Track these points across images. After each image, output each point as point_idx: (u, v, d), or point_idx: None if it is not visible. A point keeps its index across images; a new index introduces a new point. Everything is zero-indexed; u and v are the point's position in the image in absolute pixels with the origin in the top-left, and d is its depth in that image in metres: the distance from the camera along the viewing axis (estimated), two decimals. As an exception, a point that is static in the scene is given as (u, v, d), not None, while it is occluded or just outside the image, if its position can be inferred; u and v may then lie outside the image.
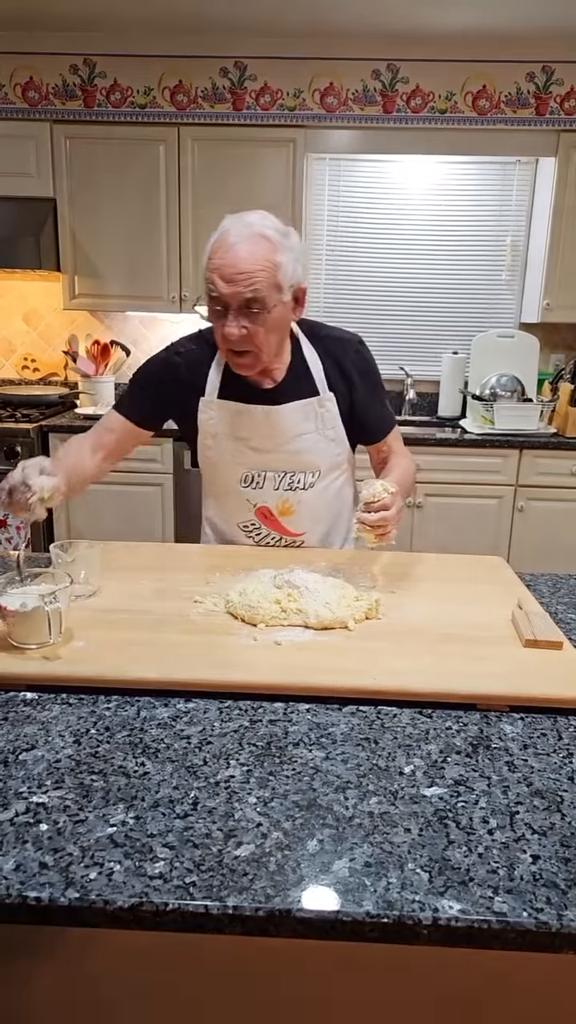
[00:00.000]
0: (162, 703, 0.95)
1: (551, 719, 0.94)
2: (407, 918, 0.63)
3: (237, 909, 0.63)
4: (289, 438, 1.44)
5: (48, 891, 0.64)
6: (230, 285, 1.26)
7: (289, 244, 1.31)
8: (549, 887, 0.66)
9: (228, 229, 1.29)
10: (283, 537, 1.52)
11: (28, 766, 0.82)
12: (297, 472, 1.47)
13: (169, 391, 1.47)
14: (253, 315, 1.29)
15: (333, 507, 1.54)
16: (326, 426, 1.46)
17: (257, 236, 1.28)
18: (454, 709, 0.96)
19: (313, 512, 1.51)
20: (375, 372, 1.52)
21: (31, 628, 1.02)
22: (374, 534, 1.24)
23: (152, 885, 0.65)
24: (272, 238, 1.29)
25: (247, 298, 1.27)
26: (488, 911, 0.64)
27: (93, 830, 0.72)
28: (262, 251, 1.27)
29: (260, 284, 1.27)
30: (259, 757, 0.84)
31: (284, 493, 1.48)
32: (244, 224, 1.29)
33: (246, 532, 1.52)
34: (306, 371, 1.45)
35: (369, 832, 0.72)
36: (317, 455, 1.47)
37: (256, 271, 1.26)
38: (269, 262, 1.27)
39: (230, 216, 1.32)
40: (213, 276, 1.27)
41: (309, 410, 1.45)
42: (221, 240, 1.29)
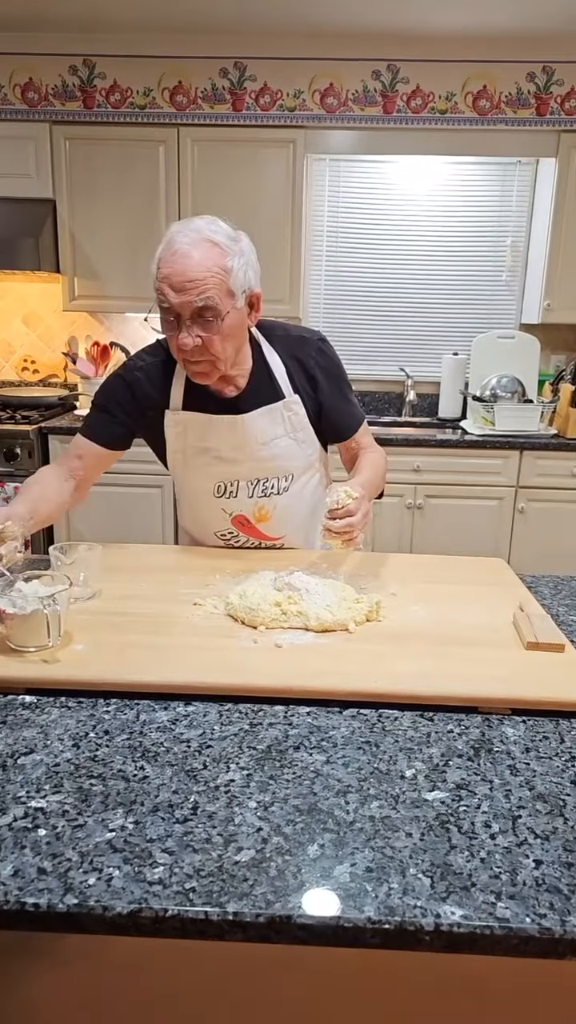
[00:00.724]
0: (162, 706, 0.94)
1: (553, 722, 0.94)
2: (409, 924, 0.63)
3: (237, 915, 0.63)
4: (259, 445, 1.42)
5: (47, 897, 0.64)
6: (180, 294, 1.22)
7: (239, 248, 1.27)
8: (552, 892, 0.66)
9: (174, 237, 1.24)
10: (262, 542, 1.51)
11: (27, 770, 0.81)
12: (270, 478, 1.45)
13: (132, 408, 1.43)
14: (206, 323, 1.25)
15: (309, 507, 1.52)
16: (295, 429, 1.44)
17: (205, 242, 1.23)
18: (455, 712, 0.95)
19: (290, 515, 1.50)
20: (339, 369, 1.49)
21: (30, 631, 1.02)
22: (341, 540, 1.22)
23: (151, 891, 0.65)
24: (221, 243, 1.24)
25: (199, 307, 1.22)
26: (491, 917, 0.63)
27: (92, 835, 0.71)
28: (211, 257, 1.22)
29: (211, 291, 1.22)
30: (259, 761, 0.84)
31: (259, 500, 1.46)
32: (191, 230, 1.24)
33: (224, 540, 1.51)
34: (269, 375, 1.42)
35: (370, 837, 0.72)
36: (289, 459, 1.45)
37: (206, 278, 1.22)
38: (219, 268, 1.23)
39: (176, 223, 1.28)
40: (163, 286, 1.23)
41: (276, 415, 1.42)
42: (168, 248, 1.24)
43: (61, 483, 1.43)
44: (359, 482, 1.34)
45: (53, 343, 3.67)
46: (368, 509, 1.28)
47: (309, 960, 0.82)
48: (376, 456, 1.53)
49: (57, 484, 1.42)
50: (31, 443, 3.09)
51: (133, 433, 1.47)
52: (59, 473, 1.44)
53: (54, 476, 1.43)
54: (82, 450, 1.45)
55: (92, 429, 1.45)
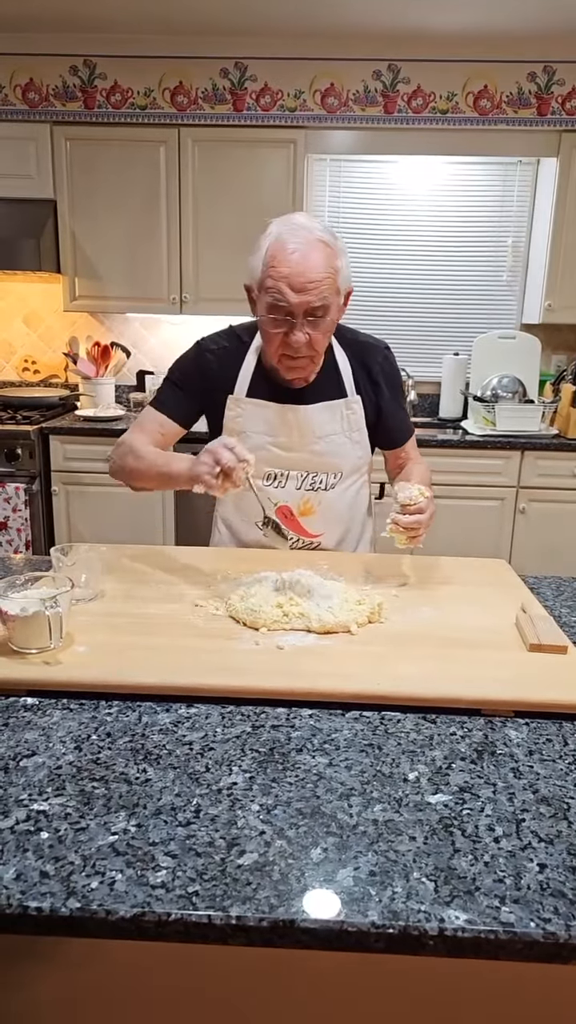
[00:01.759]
0: (164, 708, 0.94)
1: (556, 724, 0.93)
2: (413, 928, 0.62)
3: (240, 919, 0.63)
4: (315, 438, 1.45)
5: (49, 901, 0.63)
6: (300, 294, 1.26)
7: (341, 247, 1.33)
8: (557, 896, 0.65)
9: (285, 236, 1.28)
10: (300, 538, 1.51)
11: (29, 773, 0.81)
12: (320, 473, 1.47)
13: (202, 387, 1.47)
14: (316, 321, 1.30)
15: (351, 510, 1.55)
16: (352, 428, 1.47)
17: (317, 242, 1.28)
18: (458, 714, 0.95)
19: (332, 513, 1.51)
20: (400, 379, 1.55)
21: (32, 632, 1.02)
22: (406, 536, 1.27)
23: (154, 895, 0.64)
24: (329, 242, 1.29)
25: (315, 306, 1.27)
26: (495, 921, 0.63)
27: (94, 838, 0.71)
28: (326, 258, 1.28)
29: (327, 291, 1.28)
30: (262, 763, 0.83)
31: (306, 493, 1.48)
32: (299, 227, 1.29)
33: (263, 531, 1.51)
34: (336, 373, 1.46)
35: (374, 840, 0.72)
36: (341, 457, 1.48)
37: (323, 279, 1.27)
38: (332, 268, 1.28)
39: (278, 221, 1.32)
40: (280, 285, 1.27)
41: (336, 411, 1.46)
42: (280, 247, 1.27)
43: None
44: (425, 484, 1.39)
45: (54, 343, 3.67)
46: (434, 510, 1.32)
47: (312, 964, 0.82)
48: (424, 467, 1.59)
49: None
50: (32, 444, 3.09)
51: (200, 412, 1.51)
52: (149, 441, 1.45)
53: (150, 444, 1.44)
54: (160, 424, 1.47)
55: (165, 404, 1.48)
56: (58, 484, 3.18)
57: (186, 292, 3.28)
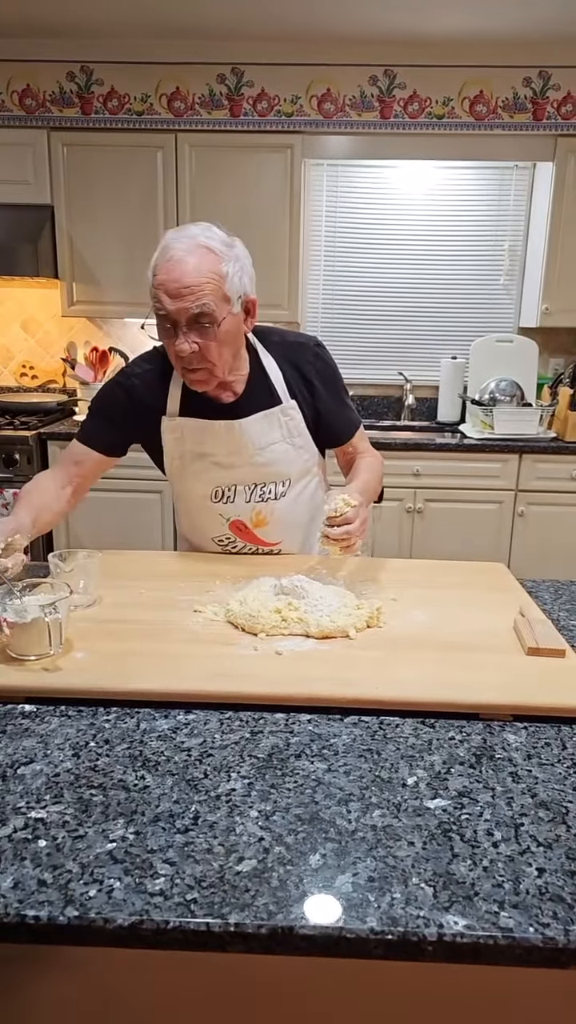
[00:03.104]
0: (162, 715, 0.94)
1: (555, 728, 0.93)
2: (412, 934, 0.62)
3: (239, 926, 0.62)
4: (256, 450, 1.42)
5: (47, 909, 0.63)
6: (176, 301, 1.22)
7: (233, 254, 1.27)
8: (555, 901, 0.65)
9: (169, 243, 1.25)
10: (260, 548, 1.51)
11: (27, 780, 0.81)
12: (267, 483, 1.45)
13: (129, 414, 1.42)
14: (203, 329, 1.25)
15: (307, 513, 1.52)
16: (292, 434, 1.44)
17: (200, 248, 1.23)
18: (457, 719, 0.95)
19: (287, 520, 1.49)
20: (336, 374, 1.49)
21: (31, 639, 1.02)
22: (339, 547, 1.23)
23: (152, 902, 0.64)
24: (216, 249, 1.24)
25: (195, 313, 1.23)
26: (494, 926, 0.63)
27: (92, 846, 0.71)
28: (207, 263, 1.23)
29: (207, 298, 1.22)
30: (260, 769, 0.83)
31: (256, 505, 1.46)
32: (186, 236, 1.25)
33: (222, 546, 1.51)
34: (266, 380, 1.42)
35: (372, 846, 0.71)
36: (286, 464, 1.45)
37: (202, 283, 1.22)
38: (215, 274, 1.23)
39: (171, 230, 1.28)
40: (159, 292, 1.23)
41: (273, 420, 1.42)
42: (163, 255, 1.24)
43: (58, 490, 1.42)
44: (357, 488, 1.34)
45: (52, 349, 3.67)
46: (366, 516, 1.28)
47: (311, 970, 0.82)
48: (373, 460, 1.53)
49: (55, 491, 1.41)
50: (30, 449, 3.09)
51: (130, 439, 1.47)
52: (56, 479, 1.43)
53: (52, 483, 1.43)
54: (79, 456, 1.44)
55: (89, 435, 1.45)
56: (56, 489, 3.18)
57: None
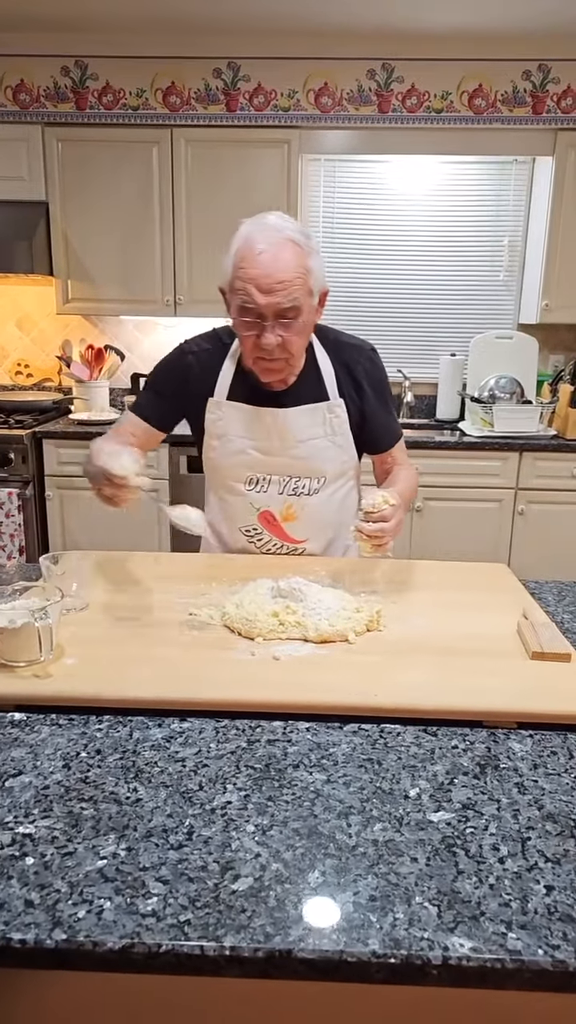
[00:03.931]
0: (156, 723, 0.91)
1: (561, 736, 0.91)
2: (415, 958, 0.59)
3: (234, 950, 0.60)
4: (296, 442, 1.42)
5: (34, 932, 0.60)
6: (267, 295, 1.23)
7: (314, 246, 1.30)
8: (565, 921, 0.63)
9: (254, 235, 1.25)
10: (284, 544, 1.48)
11: (15, 793, 0.78)
12: (303, 477, 1.44)
13: (182, 390, 1.45)
14: (287, 323, 1.27)
15: (337, 515, 1.50)
16: (335, 432, 1.44)
17: (287, 242, 1.25)
18: (460, 726, 0.92)
19: (316, 519, 1.48)
20: (385, 381, 1.50)
21: (20, 645, 0.99)
22: (370, 544, 1.23)
23: (144, 924, 0.61)
24: (300, 242, 1.26)
25: (285, 307, 1.25)
26: (501, 949, 0.60)
27: (82, 863, 0.68)
28: (295, 258, 1.24)
29: (298, 292, 1.25)
30: (257, 781, 0.80)
31: (288, 498, 1.45)
32: (270, 228, 1.26)
33: (248, 537, 1.49)
34: (318, 376, 1.43)
35: (374, 862, 0.69)
36: (324, 461, 1.45)
37: (293, 279, 1.24)
38: (302, 268, 1.25)
39: (249, 221, 1.29)
40: (248, 287, 1.24)
41: (318, 415, 1.42)
42: (249, 248, 1.24)
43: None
44: (397, 491, 1.34)
45: (47, 347, 3.64)
46: (401, 519, 1.28)
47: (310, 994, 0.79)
48: (410, 472, 1.55)
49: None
50: (25, 448, 3.06)
51: (180, 415, 1.49)
52: (119, 440, 1.42)
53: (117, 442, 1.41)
54: (133, 427, 1.46)
55: (143, 408, 1.47)
56: (52, 489, 3.15)
57: (180, 294, 3.25)
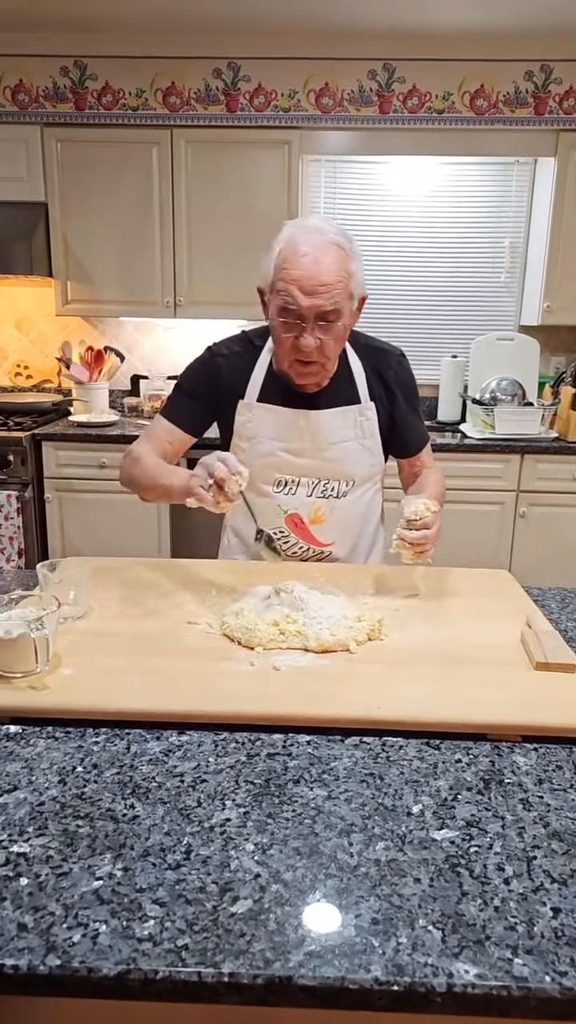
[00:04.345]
0: (154, 736, 0.90)
1: (566, 750, 0.89)
2: (419, 985, 0.58)
3: (233, 976, 0.58)
4: (328, 444, 1.42)
5: (27, 958, 0.59)
6: (311, 298, 1.24)
7: (356, 251, 1.30)
8: (573, 946, 0.61)
9: (297, 238, 1.26)
10: (311, 547, 1.47)
11: (9, 810, 0.76)
12: (332, 480, 1.44)
13: (213, 393, 1.44)
14: (328, 326, 1.27)
15: (364, 519, 1.51)
16: (365, 435, 1.44)
17: (331, 245, 1.26)
18: (463, 739, 0.90)
19: (344, 522, 1.48)
20: (414, 386, 1.51)
21: (16, 656, 0.97)
22: (413, 551, 1.24)
23: (140, 949, 0.60)
24: (344, 246, 1.27)
25: (327, 310, 1.25)
26: (507, 975, 0.58)
27: (77, 884, 0.66)
28: (338, 261, 1.25)
29: (339, 295, 1.26)
30: (257, 797, 0.79)
31: (317, 500, 1.45)
32: (315, 231, 1.26)
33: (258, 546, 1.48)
34: (350, 379, 1.44)
35: (376, 883, 0.67)
36: (354, 464, 1.45)
37: (335, 282, 1.25)
38: (345, 272, 1.26)
39: (292, 223, 1.30)
40: (291, 288, 1.24)
41: (349, 417, 1.43)
42: (293, 250, 1.25)
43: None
44: (432, 496, 1.35)
45: (46, 348, 3.62)
46: (440, 524, 1.29)
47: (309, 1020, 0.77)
48: (439, 475, 1.56)
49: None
50: (24, 450, 3.04)
51: (211, 418, 1.48)
52: (156, 454, 1.42)
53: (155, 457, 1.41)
54: (167, 436, 1.45)
55: (177, 415, 1.46)
56: (51, 491, 3.13)
57: (180, 295, 3.23)
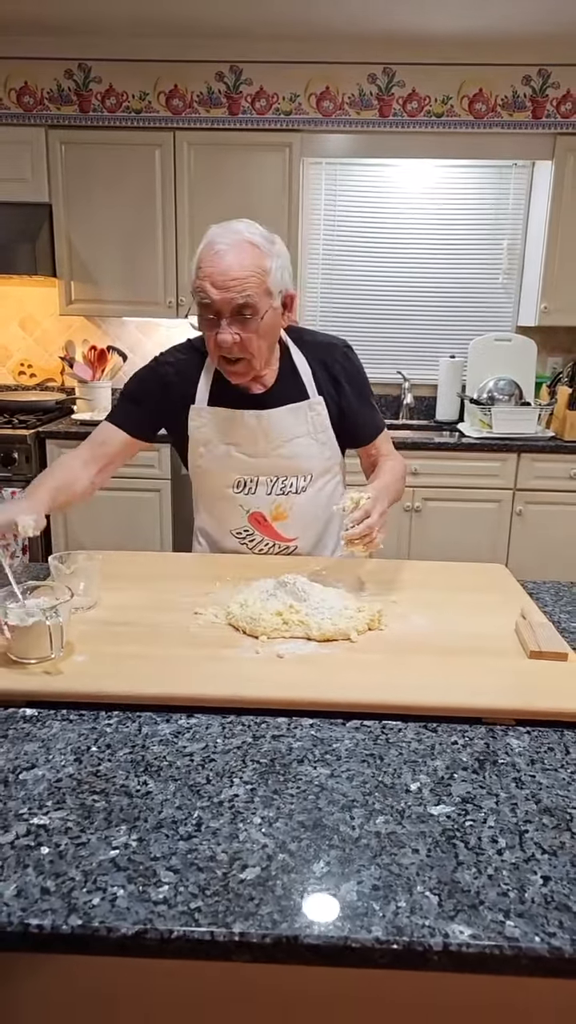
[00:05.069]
0: (164, 719, 0.94)
1: (558, 732, 0.93)
2: (417, 944, 0.62)
3: (243, 936, 0.62)
4: (281, 442, 1.45)
5: (51, 918, 0.63)
6: (222, 292, 1.28)
7: (276, 250, 1.33)
8: (561, 910, 0.65)
9: (215, 238, 1.30)
10: (276, 543, 1.51)
11: (28, 786, 0.80)
12: (289, 476, 1.47)
13: (160, 400, 1.47)
14: (245, 321, 1.30)
15: (326, 511, 1.54)
16: (317, 430, 1.47)
17: (245, 243, 1.29)
18: (459, 723, 0.94)
19: (306, 516, 1.51)
20: (362, 376, 1.53)
21: (32, 643, 1.01)
22: (362, 545, 1.24)
23: (156, 911, 0.64)
24: (260, 244, 1.31)
25: (239, 304, 1.28)
26: (500, 936, 0.62)
27: (95, 853, 0.70)
28: (251, 257, 1.29)
29: (251, 290, 1.28)
30: (263, 775, 0.83)
31: (277, 498, 1.48)
32: (231, 232, 1.31)
33: (239, 539, 1.52)
34: (295, 376, 1.46)
35: (376, 853, 0.71)
36: (309, 459, 1.48)
37: (247, 277, 1.28)
38: (259, 268, 1.29)
39: (216, 225, 1.34)
40: (204, 284, 1.28)
41: (300, 414, 1.46)
42: (209, 248, 1.30)
43: (81, 467, 1.45)
44: (374, 487, 1.36)
45: (50, 347, 3.66)
46: (384, 509, 1.30)
47: (314, 978, 0.81)
48: (395, 463, 1.55)
49: (78, 468, 1.45)
50: (28, 448, 3.08)
51: (158, 425, 1.51)
52: (80, 456, 1.47)
53: (75, 460, 1.46)
54: (106, 437, 1.48)
55: (119, 418, 1.49)
56: (54, 488, 3.17)
57: (182, 295, 3.27)
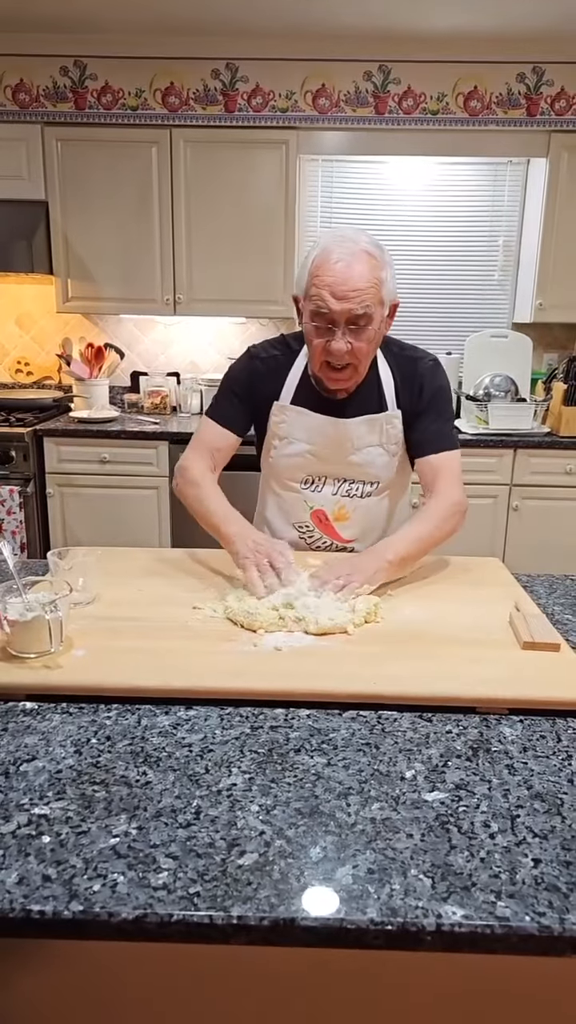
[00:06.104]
0: (163, 711, 0.95)
1: (550, 721, 0.95)
2: (411, 925, 0.63)
3: (241, 919, 0.64)
4: (353, 450, 1.48)
5: (52, 904, 0.64)
6: (341, 302, 1.30)
7: (387, 260, 1.36)
8: (551, 891, 0.67)
9: (331, 245, 1.32)
10: (334, 542, 1.54)
11: (29, 777, 0.82)
12: (356, 481, 1.50)
13: (252, 394, 1.51)
14: (359, 331, 1.33)
15: (386, 521, 1.56)
16: (390, 441, 1.49)
17: (362, 253, 1.31)
18: (454, 713, 0.96)
19: (366, 521, 1.53)
20: (441, 391, 1.50)
21: (32, 637, 1.02)
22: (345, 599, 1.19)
23: (156, 896, 0.65)
24: (375, 254, 1.33)
25: (357, 315, 1.30)
26: (491, 916, 0.64)
27: (96, 841, 0.72)
28: (369, 268, 1.31)
29: (369, 300, 1.31)
30: (261, 764, 0.84)
31: (341, 499, 1.51)
32: (347, 240, 1.32)
33: (300, 533, 1.55)
34: (378, 386, 1.48)
35: (372, 838, 0.73)
36: (378, 468, 1.50)
37: (366, 288, 1.30)
38: (376, 279, 1.32)
39: (328, 233, 1.36)
40: (323, 293, 1.30)
41: (375, 425, 1.47)
42: (325, 257, 1.31)
43: (214, 477, 1.49)
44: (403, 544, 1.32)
45: (47, 345, 3.66)
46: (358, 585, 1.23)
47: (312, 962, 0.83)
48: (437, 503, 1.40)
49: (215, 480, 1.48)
50: (26, 446, 3.09)
51: (253, 419, 1.54)
52: (207, 466, 1.49)
53: (209, 475, 1.48)
54: (220, 441, 1.51)
55: (225, 412, 1.51)
56: (53, 486, 3.18)
57: (179, 293, 3.28)
